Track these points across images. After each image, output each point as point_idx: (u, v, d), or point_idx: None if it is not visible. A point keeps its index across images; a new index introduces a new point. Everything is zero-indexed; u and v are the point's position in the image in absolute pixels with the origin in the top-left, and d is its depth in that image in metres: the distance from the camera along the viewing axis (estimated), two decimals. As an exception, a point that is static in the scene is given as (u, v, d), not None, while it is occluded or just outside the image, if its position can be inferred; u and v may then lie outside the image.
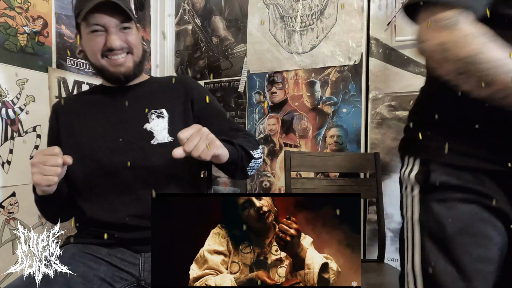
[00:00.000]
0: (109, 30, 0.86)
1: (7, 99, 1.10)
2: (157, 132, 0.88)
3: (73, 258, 0.78)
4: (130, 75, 0.91)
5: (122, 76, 0.90)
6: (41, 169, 0.71)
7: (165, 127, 0.88)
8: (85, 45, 0.90)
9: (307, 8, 1.50)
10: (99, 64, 0.89)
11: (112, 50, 0.86)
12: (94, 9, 0.83)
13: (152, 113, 0.90)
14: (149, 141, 0.87)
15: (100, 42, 0.86)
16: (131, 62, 0.90)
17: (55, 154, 0.71)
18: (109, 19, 0.85)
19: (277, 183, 1.57)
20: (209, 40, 1.74)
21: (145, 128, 0.88)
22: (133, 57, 0.91)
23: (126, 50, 0.89)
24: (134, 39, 0.90)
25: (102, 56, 0.88)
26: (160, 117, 0.90)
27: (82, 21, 0.86)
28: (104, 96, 0.94)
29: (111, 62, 0.88)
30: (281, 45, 1.55)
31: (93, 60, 0.89)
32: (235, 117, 1.66)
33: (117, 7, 0.85)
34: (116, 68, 0.88)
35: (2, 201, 1.10)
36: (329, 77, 1.46)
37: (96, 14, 0.84)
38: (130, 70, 0.90)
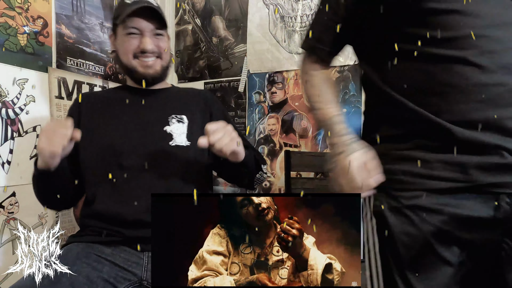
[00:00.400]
0: (144, 33, 0.94)
1: (7, 99, 1.10)
2: (176, 135, 0.94)
3: (77, 258, 0.79)
4: (156, 78, 0.98)
5: (149, 77, 0.97)
6: (49, 136, 0.74)
7: (184, 132, 0.95)
8: (119, 46, 0.97)
9: (307, 8, 1.50)
10: (130, 64, 0.95)
11: (144, 52, 0.94)
12: (133, 13, 0.91)
13: (173, 117, 0.96)
14: (167, 142, 0.92)
15: (134, 43, 0.94)
16: (159, 66, 0.97)
17: (66, 126, 0.75)
18: (146, 23, 0.93)
19: (277, 183, 1.57)
20: (209, 40, 1.74)
21: (165, 130, 0.94)
22: (161, 62, 0.98)
23: (156, 54, 0.96)
24: (165, 45, 0.98)
25: (133, 57, 0.94)
26: (180, 122, 0.96)
27: (120, 24, 0.93)
28: (129, 95, 0.99)
29: (141, 63, 0.95)
30: (281, 45, 1.55)
31: (125, 60, 0.96)
32: (235, 117, 1.66)
33: (154, 14, 0.93)
34: (145, 69, 0.95)
35: (2, 201, 1.10)
36: (329, 77, 1.46)
37: (134, 18, 0.92)
38: (158, 73, 0.97)
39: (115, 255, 0.83)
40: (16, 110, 1.12)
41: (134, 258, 0.84)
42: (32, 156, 1.17)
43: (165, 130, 0.94)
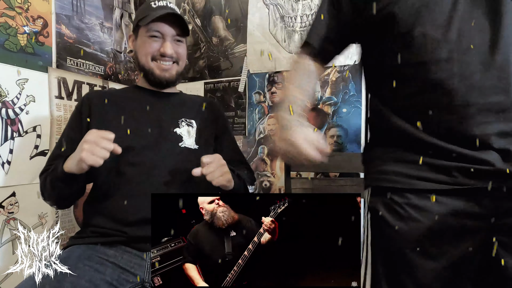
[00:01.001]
0: (166, 38, 0.98)
1: (7, 99, 1.10)
2: (186, 137, 0.98)
3: (79, 261, 0.78)
4: (170, 82, 1.02)
5: (164, 80, 1.00)
6: (93, 147, 0.75)
7: (193, 135, 0.99)
8: (139, 47, 1.00)
9: (307, 8, 1.50)
10: (148, 66, 0.99)
11: (163, 56, 0.98)
12: (158, 17, 0.94)
13: (183, 121, 1.00)
14: (177, 143, 0.96)
15: (155, 46, 0.97)
16: (174, 71, 1.01)
17: (109, 138, 0.77)
18: (169, 29, 0.97)
19: (277, 183, 1.57)
20: (209, 40, 1.74)
21: (175, 132, 0.97)
22: (178, 67, 1.02)
23: (174, 60, 1.00)
24: (183, 52, 1.02)
25: (152, 59, 0.98)
26: (189, 126, 1.00)
27: (143, 26, 0.96)
28: (140, 95, 1.02)
29: (159, 66, 0.99)
30: (281, 45, 1.55)
31: (143, 61, 0.99)
32: (235, 117, 1.66)
33: (178, 20, 0.97)
34: (162, 72, 0.99)
35: (2, 201, 1.10)
36: (329, 77, 1.46)
37: (158, 22, 0.96)
38: (173, 77, 1.01)
39: (117, 256, 0.83)
40: (16, 110, 1.12)
41: (137, 259, 0.84)
42: (32, 156, 1.17)
43: (175, 131, 0.97)
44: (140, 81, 1.06)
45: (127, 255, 0.84)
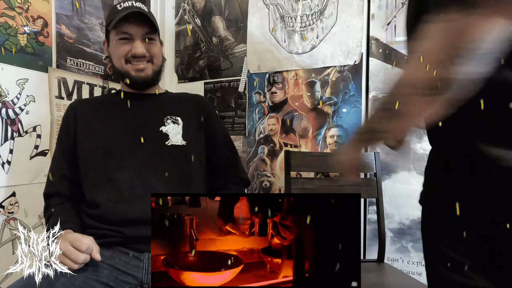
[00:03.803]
0: (135, 38, 0.97)
1: (7, 99, 1.10)
2: (172, 135, 0.97)
3: None
4: (148, 81, 1.01)
5: (141, 81, 1.00)
6: (63, 259, 0.72)
7: (179, 132, 0.98)
8: (112, 51, 1.00)
9: (307, 8, 1.49)
10: (123, 69, 0.99)
11: (135, 56, 0.97)
12: (124, 19, 0.94)
13: (168, 118, 0.99)
14: (164, 142, 0.96)
15: (126, 49, 0.97)
16: (150, 70, 1.00)
17: (82, 250, 0.74)
18: (137, 29, 0.96)
19: (277, 183, 1.57)
20: (209, 40, 1.74)
21: (161, 130, 0.97)
22: (153, 66, 1.01)
23: (148, 59, 0.99)
24: (156, 50, 1.01)
25: (126, 62, 0.98)
26: (175, 123, 0.99)
27: (112, 29, 0.96)
28: (124, 100, 1.02)
29: (133, 67, 0.98)
30: (281, 45, 1.55)
31: (118, 65, 0.99)
32: (235, 117, 1.66)
33: (145, 19, 0.96)
34: (137, 73, 0.99)
35: (2, 201, 1.10)
36: (329, 77, 1.46)
37: (125, 23, 0.95)
38: (149, 77, 1.01)
39: (114, 258, 0.83)
40: (16, 110, 1.12)
41: (134, 261, 0.84)
42: (32, 156, 1.17)
43: (161, 130, 0.97)
44: (121, 85, 1.07)
45: (124, 257, 0.84)
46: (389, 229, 1.34)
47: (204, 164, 1.03)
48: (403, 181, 1.32)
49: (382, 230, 1.18)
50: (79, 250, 0.74)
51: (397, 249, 1.34)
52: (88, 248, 0.74)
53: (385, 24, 1.35)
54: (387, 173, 1.34)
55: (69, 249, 0.73)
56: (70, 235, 0.77)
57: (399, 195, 1.33)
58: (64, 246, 0.73)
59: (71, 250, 0.73)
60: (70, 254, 0.73)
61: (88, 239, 0.76)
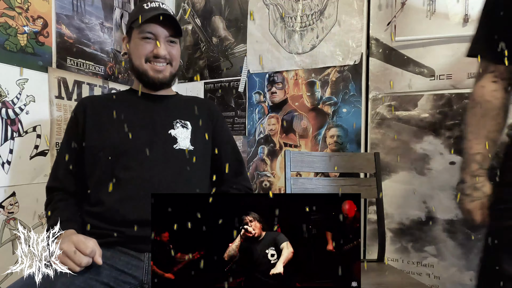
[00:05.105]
0: (159, 39, 0.97)
1: (7, 99, 1.10)
2: (181, 139, 0.97)
3: None
4: (164, 83, 1.02)
5: (158, 82, 1.00)
6: (65, 260, 0.71)
7: (188, 136, 0.98)
8: (133, 49, 1.00)
9: (307, 8, 1.50)
10: (142, 67, 0.98)
11: (157, 57, 0.97)
12: (150, 19, 0.94)
13: (177, 122, 0.99)
14: (172, 145, 0.95)
15: (148, 48, 0.97)
16: (168, 72, 1.01)
17: (85, 253, 0.73)
18: (162, 30, 0.97)
19: (277, 183, 1.57)
20: (209, 40, 1.74)
21: (170, 133, 0.97)
22: (171, 69, 1.02)
23: (168, 61, 1.00)
24: (177, 53, 1.02)
25: (145, 61, 0.98)
26: (184, 127, 0.99)
27: (136, 28, 0.97)
28: (135, 99, 1.02)
29: (153, 67, 0.98)
30: (281, 45, 1.55)
31: (137, 63, 0.99)
32: (235, 117, 1.66)
33: (171, 22, 0.97)
34: (156, 73, 0.99)
35: (2, 201, 1.10)
36: (329, 77, 1.46)
37: (151, 23, 0.95)
38: (166, 78, 1.01)
39: (115, 258, 0.83)
40: (16, 110, 1.12)
41: (135, 261, 0.84)
42: (32, 156, 1.17)
43: (169, 133, 0.97)
44: (134, 83, 1.06)
45: (124, 257, 0.84)
46: (389, 229, 1.34)
47: (209, 171, 1.03)
48: (403, 181, 1.32)
49: (382, 230, 1.18)
50: (82, 253, 0.73)
51: (397, 249, 1.34)
52: (91, 251, 0.74)
53: (385, 24, 1.35)
54: (387, 173, 1.34)
55: (73, 250, 0.73)
56: (75, 236, 0.76)
57: (399, 195, 1.33)
58: (68, 247, 0.72)
59: (75, 252, 0.73)
60: (73, 256, 0.72)
61: (91, 242, 0.76)
